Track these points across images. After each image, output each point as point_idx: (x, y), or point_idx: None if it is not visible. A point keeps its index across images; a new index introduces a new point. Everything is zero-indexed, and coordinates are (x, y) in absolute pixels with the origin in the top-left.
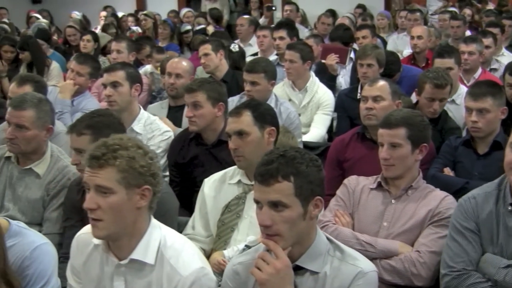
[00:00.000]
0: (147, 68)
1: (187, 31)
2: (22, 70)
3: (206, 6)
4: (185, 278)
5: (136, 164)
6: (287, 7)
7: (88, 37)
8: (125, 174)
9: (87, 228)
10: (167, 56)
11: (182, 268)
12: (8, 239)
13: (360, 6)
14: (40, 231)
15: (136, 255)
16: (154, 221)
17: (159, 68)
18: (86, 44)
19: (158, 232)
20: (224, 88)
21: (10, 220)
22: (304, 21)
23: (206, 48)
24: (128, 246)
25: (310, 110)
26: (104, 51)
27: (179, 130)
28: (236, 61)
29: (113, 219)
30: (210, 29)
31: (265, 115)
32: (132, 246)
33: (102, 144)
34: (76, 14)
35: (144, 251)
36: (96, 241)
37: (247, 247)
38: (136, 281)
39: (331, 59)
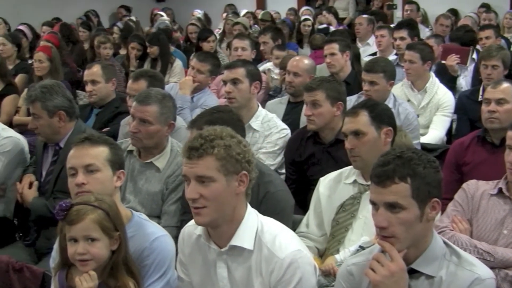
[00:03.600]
0: (267, 65)
1: (306, 19)
2: (146, 66)
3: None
4: (282, 260)
5: (233, 151)
6: (407, 7)
7: (212, 37)
8: (224, 162)
9: (192, 221)
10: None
11: (279, 250)
12: (129, 229)
13: (484, 5)
14: (158, 224)
15: (235, 241)
16: (250, 208)
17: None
18: (212, 45)
19: (255, 218)
20: (343, 87)
21: (133, 211)
22: (425, 21)
23: (333, 47)
24: (227, 233)
25: (429, 111)
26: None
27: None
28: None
29: (215, 206)
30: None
31: (382, 115)
32: (231, 233)
33: (198, 136)
34: (198, 12)
35: (243, 237)
36: (198, 231)
37: (361, 248)
38: (237, 266)
39: (452, 60)
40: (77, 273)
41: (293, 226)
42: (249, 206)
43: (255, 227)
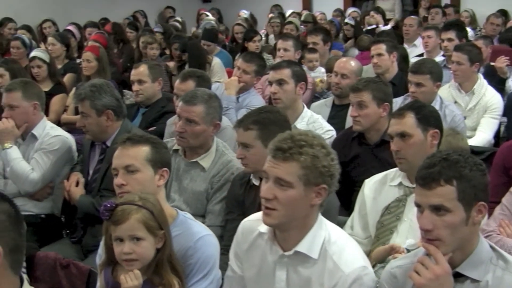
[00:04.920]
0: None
1: (347, 24)
2: (188, 67)
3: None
4: (347, 276)
5: (319, 163)
6: (433, 10)
7: (258, 37)
8: (307, 171)
9: (254, 216)
10: (331, 56)
11: (344, 265)
12: (174, 228)
13: None
14: (202, 223)
15: (301, 247)
16: (320, 216)
17: (318, 80)
18: (258, 45)
19: (324, 228)
20: (389, 88)
21: (178, 210)
22: (473, 22)
23: (380, 48)
24: (294, 238)
25: (476, 114)
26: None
27: None
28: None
29: (286, 212)
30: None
31: (429, 117)
32: (298, 239)
33: (288, 137)
34: (244, 13)
35: (310, 245)
36: (263, 229)
37: (406, 250)
38: (298, 272)
39: (501, 62)
40: (123, 270)
41: None
42: (320, 214)
43: (322, 236)
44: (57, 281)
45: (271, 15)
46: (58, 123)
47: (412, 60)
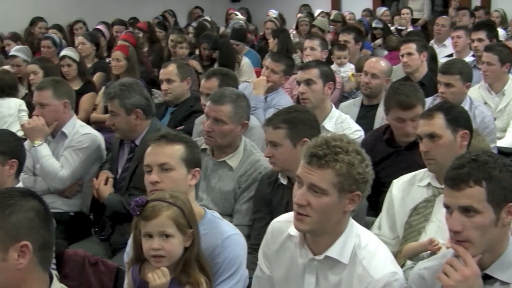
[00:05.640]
0: (332, 67)
1: (376, 28)
2: (217, 65)
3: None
4: (376, 281)
5: (354, 170)
6: (460, 12)
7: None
8: (342, 179)
9: (283, 217)
10: (361, 56)
11: (374, 270)
12: (202, 226)
13: None
14: (230, 222)
15: (331, 252)
16: (351, 220)
17: (350, 74)
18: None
19: (355, 232)
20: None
21: (206, 209)
22: (504, 22)
23: (410, 47)
24: (325, 243)
25: (507, 115)
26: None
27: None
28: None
29: (319, 218)
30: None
31: (458, 118)
32: (329, 243)
33: (324, 142)
34: (273, 13)
35: (340, 250)
36: (292, 231)
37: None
38: (327, 277)
39: None
40: (150, 268)
41: (365, 228)
42: (350, 218)
43: (353, 241)
44: (86, 279)
45: (299, 15)
46: (88, 121)
47: (442, 60)
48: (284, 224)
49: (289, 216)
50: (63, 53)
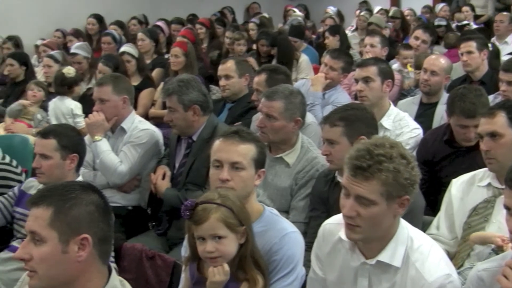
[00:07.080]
0: (395, 66)
1: (439, 26)
2: (275, 62)
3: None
4: (430, 284)
5: (401, 177)
6: (498, 17)
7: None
8: (389, 188)
9: (334, 219)
10: (420, 53)
11: (427, 273)
12: (260, 223)
13: None
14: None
15: (383, 257)
16: (402, 222)
17: (408, 65)
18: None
19: (406, 234)
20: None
21: (265, 206)
22: None
23: (470, 45)
24: (376, 247)
25: None
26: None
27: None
28: (490, 59)
29: (370, 227)
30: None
31: None
32: (380, 248)
33: (366, 153)
34: (331, 9)
35: (392, 254)
36: (343, 236)
37: (494, 252)
38: (381, 281)
39: None
40: (209, 264)
41: (423, 227)
42: (401, 219)
43: (405, 244)
44: (143, 272)
45: (358, 11)
46: (146, 117)
47: (504, 58)
48: (335, 226)
49: (340, 217)
50: (122, 49)
